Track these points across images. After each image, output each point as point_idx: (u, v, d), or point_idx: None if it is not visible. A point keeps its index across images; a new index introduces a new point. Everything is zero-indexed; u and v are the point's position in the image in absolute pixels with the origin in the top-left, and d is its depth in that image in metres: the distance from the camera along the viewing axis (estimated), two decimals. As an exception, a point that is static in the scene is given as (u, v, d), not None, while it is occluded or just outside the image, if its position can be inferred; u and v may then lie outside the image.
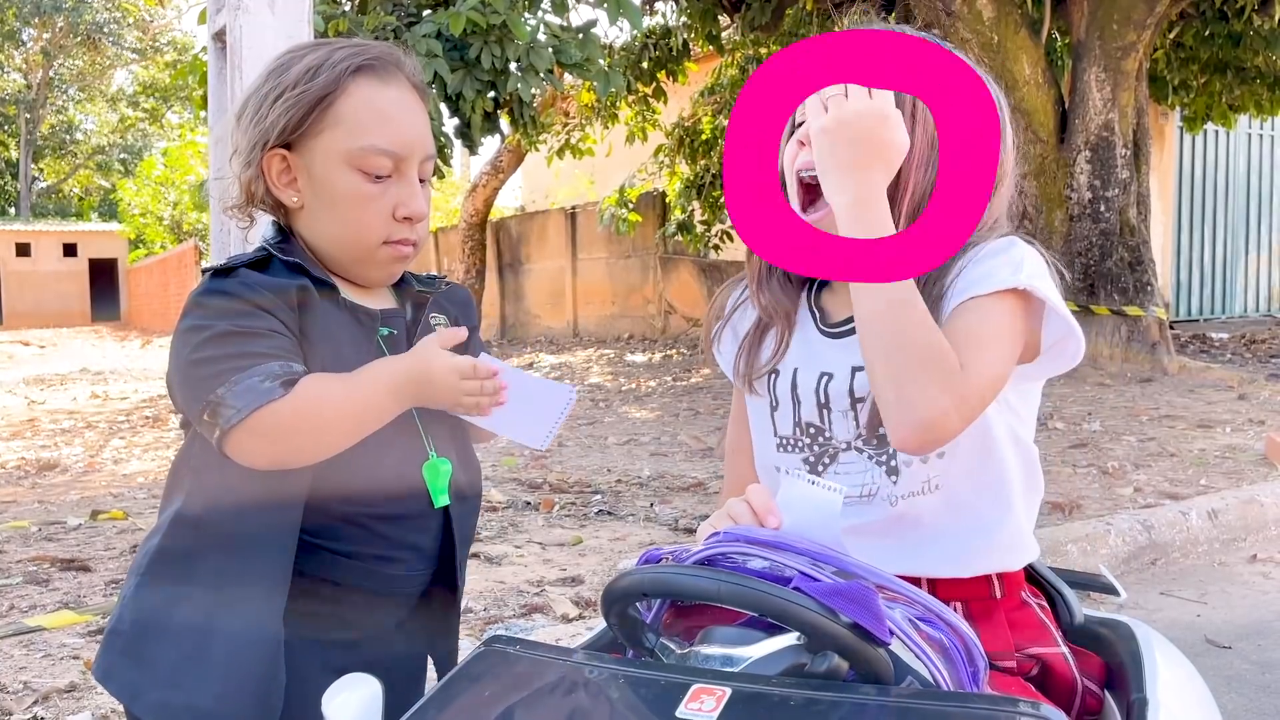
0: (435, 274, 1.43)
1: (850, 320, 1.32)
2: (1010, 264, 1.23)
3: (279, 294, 1.21)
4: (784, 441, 1.36)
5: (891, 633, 0.97)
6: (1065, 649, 1.30)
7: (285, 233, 1.31)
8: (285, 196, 1.28)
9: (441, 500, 1.30)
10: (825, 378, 1.31)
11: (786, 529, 1.08)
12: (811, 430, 1.33)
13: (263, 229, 1.33)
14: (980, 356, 1.18)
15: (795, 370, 1.34)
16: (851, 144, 1.19)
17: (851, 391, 1.29)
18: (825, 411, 1.31)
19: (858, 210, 1.18)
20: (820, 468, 1.32)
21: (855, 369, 1.29)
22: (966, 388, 1.15)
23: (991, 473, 1.29)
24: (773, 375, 1.37)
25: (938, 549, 1.28)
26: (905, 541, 1.28)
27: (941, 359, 1.14)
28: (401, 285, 1.38)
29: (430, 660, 1.41)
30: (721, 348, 1.46)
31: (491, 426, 1.34)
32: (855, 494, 1.29)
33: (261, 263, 1.26)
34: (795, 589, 0.96)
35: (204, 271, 1.26)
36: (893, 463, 1.28)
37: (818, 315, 1.37)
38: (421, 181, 1.31)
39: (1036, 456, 1.35)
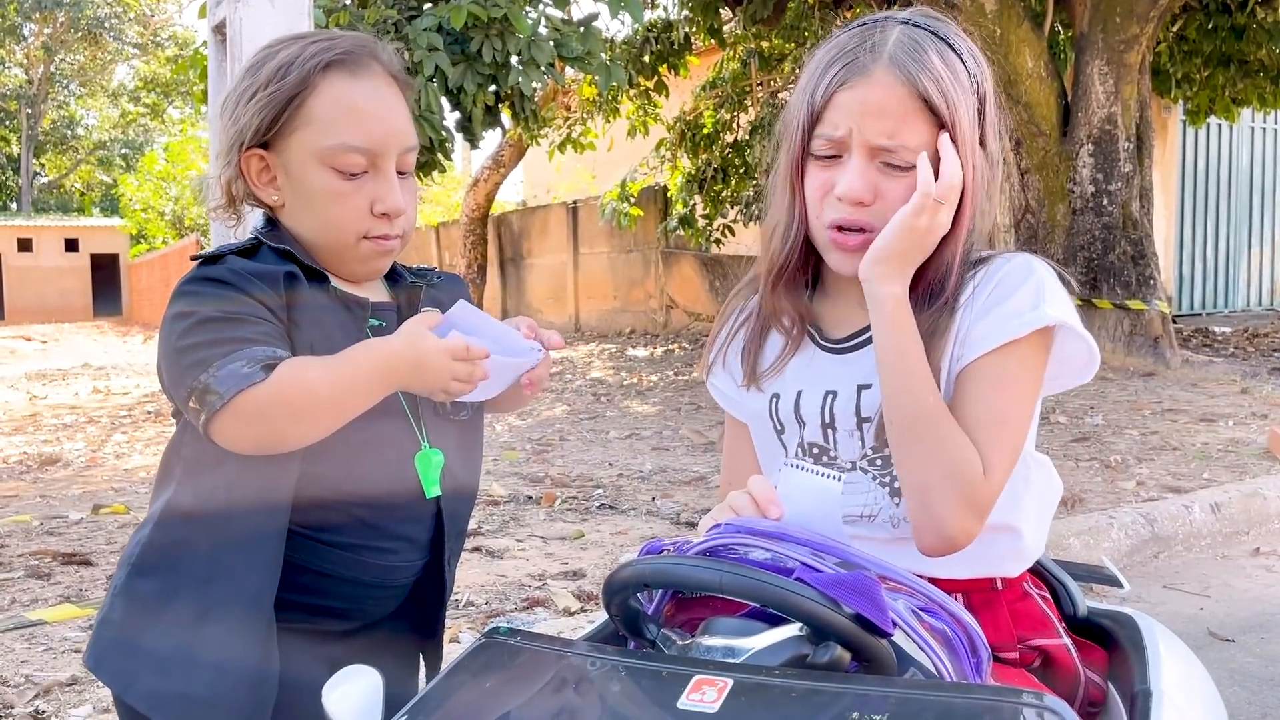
0: (428, 267, 1.42)
1: (854, 336, 1.31)
2: (1033, 295, 1.22)
3: (266, 280, 1.20)
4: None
5: (894, 624, 0.97)
6: (1068, 640, 1.29)
7: (276, 223, 1.30)
8: (266, 195, 1.27)
9: (433, 491, 1.29)
10: (830, 396, 1.29)
11: (788, 519, 1.08)
12: (815, 451, 1.31)
13: (255, 221, 1.33)
14: (1003, 442, 1.19)
15: (799, 392, 1.32)
16: (920, 249, 1.22)
17: (858, 411, 1.27)
18: (830, 432, 1.30)
19: (901, 311, 1.21)
20: None
21: (861, 387, 1.27)
22: (988, 497, 1.18)
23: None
24: (774, 399, 1.34)
25: (938, 563, 1.25)
26: (905, 558, 1.25)
27: (968, 475, 1.16)
28: (394, 279, 1.36)
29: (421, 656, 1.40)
30: (717, 380, 1.44)
31: (468, 397, 1.28)
32: (856, 514, 1.28)
33: (251, 250, 1.25)
34: (798, 580, 0.96)
35: (193, 259, 1.25)
36: (895, 484, 1.26)
37: (816, 332, 1.34)
38: (404, 174, 1.28)
39: (1047, 463, 1.34)
